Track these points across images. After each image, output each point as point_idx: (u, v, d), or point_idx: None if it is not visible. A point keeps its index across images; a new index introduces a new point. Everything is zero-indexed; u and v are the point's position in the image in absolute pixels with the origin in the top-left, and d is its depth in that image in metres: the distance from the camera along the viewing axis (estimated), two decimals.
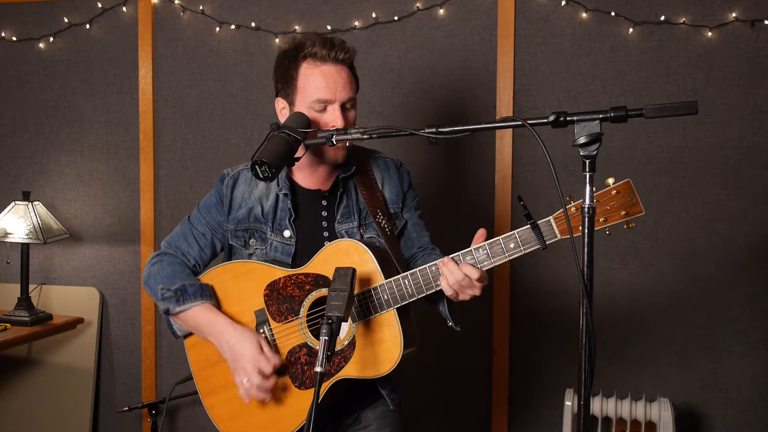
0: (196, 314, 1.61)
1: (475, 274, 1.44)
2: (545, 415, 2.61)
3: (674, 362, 2.51)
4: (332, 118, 1.56)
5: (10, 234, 2.73)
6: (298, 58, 1.58)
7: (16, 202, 2.80)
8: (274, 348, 1.60)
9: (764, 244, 2.42)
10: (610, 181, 1.38)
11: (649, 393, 2.48)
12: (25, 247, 2.79)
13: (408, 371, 2.66)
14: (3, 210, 2.81)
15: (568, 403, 2.37)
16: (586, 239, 1.22)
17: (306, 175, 1.68)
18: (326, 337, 1.31)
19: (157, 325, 2.95)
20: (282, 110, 1.67)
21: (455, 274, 1.44)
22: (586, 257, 1.22)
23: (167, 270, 1.67)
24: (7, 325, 2.71)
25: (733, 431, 2.48)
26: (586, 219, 1.22)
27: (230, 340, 1.57)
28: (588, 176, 1.22)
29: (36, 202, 2.83)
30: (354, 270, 1.44)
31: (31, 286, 2.88)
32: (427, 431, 2.71)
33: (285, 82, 1.62)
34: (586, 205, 1.22)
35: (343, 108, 1.58)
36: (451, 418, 2.69)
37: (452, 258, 1.47)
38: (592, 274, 1.22)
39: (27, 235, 2.73)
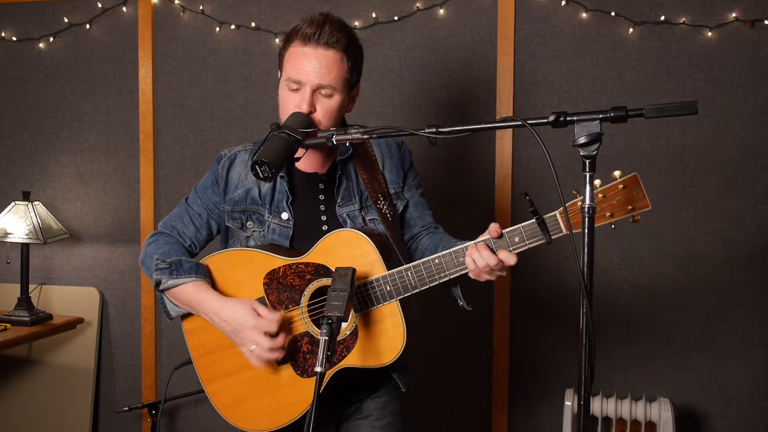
0: (189, 291, 1.59)
1: (511, 260, 1.43)
2: (545, 415, 2.61)
3: (674, 362, 2.51)
4: (298, 101, 1.56)
5: (10, 234, 2.73)
6: (290, 37, 1.59)
7: (16, 202, 2.80)
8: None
9: (764, 244, 2.42)
10: (617, 174, 1.36)
11: (649, 393, 2.48)
12: (25, 247, 2.79)
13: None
14: (3, 210, 2.81)
15: (568, 403, 2.37)
16: (586, 239, 1.22)
17: (302, 158, 1.66)
18: (326, 337, 1.31)
19: (157, 325, 2.95)
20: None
21: (489, 260, 1.43)
22: (586, 257, 1.22)
23: (163, 248, 1.66)
24: (7, 325, 2.71)
25: (733, 431, 2.48)
26: (587, 219, 1.22)
27: (225, 315, 1.55)
28: (588, 176, 1.22)
29: (36, 202, 2.83)
30: (354, 270, 1.44)
31: (31, 286, 2.88)
32: (427, 431, 2.71)
33: (279, 61, 1.64)
34: (586, 205, 1.22)
35: (319, 94, 1.56)
36: (451, 417, 2.69)
37: (485, 244, 1.45)
38: (592, 274, 1.22)
39: (27, 235, 2.73)
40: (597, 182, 1.37)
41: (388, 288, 1.50)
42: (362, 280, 1.52)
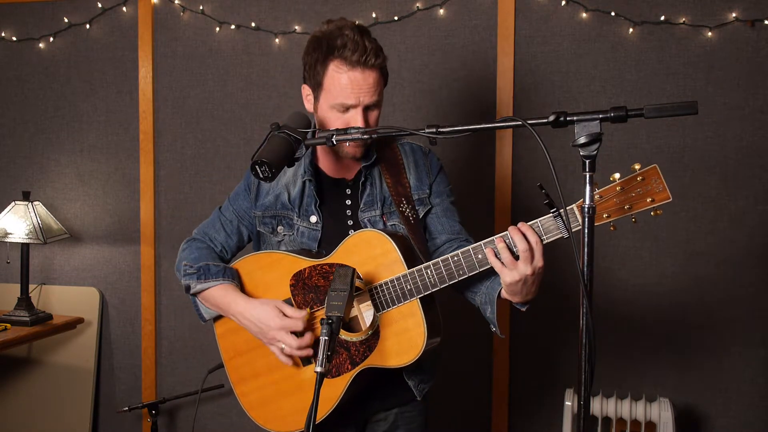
0: (217, 294, 1.64)
1: (532, 237, 1.40)
2: (545, 415, 2.61)
3: (674, 362, 2.51)
4: (353, 122, 1.57)
5: (10, 234, 2.73)
6: (328, 55, 1.56)
7: (16, 202, 2.80)
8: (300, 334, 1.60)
9: (764, 244, 2.42)
10: (636, 167, 1.33)
11: (649, 393, 2.48)
12: (25, 247, 2.79)
13: None
14: (3, 210, 2.81)
15: (568, 403, 2.37)
16: (586, 239, 1.22)
17: (330, 163, 1.70)
18: (326, 338, 1.31)
19: (157, 325, 2.95)
20: (307, 97, 1.67)
21: (520, 244, 1.40)
22: (585, 257, 1.22)
23: (195, 254, 1.71)
24: (7, 325, 2.71)
25: (733, 431, 2.48)
26: (587, 219, 1.22)
27: (250, 316, 1.60)
28: (588, 176, 1.21)
29: (36, 202, 2.83)
30: (354, 270, 1.44)
31: (31, 286, 2.88)
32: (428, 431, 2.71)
33: (312, 74, 1.61)
34: (586, 206, 1.22)
35: (367, 109, 1.58)
36: (451, 417, 2.69)
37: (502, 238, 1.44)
38: (592, 274, 1.22)
39: (27, 235, 2.73)
40: (616, 175, 1.35)
41: (408, 287, 1.51)
42: (384, 278, 1.53)
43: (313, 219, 1.67)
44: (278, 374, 1.65)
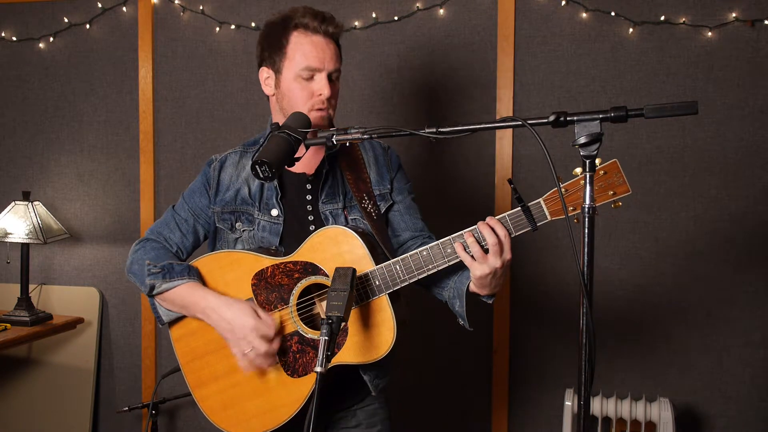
0: (184, 292, 1.59)
1: (501, 231, 1.46)
2: (545, 415, 2.61)
3: (674, 362, 2.51)
4: (319, 87, 1.60)
5: (10, 234, 2.73)
6: (289, 27, 1.62)
7: (16, 202, 2.80)
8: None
9: (764, 244, 2.42)
10: (597, 161, 1.36)
11: (649, 393, 2.48)
12: (25, 247, 2.79)
13: (407, 371, 2.64)
14: (3, 210, 2.81)
15: (568, 403, 2.37)
16: (586, 239, 1.22)
17: None
18: (326, 338, 1.31)
19: (157, 325, 2.94)
20: (266, 80, 1.69)
21: (490, 238, 1.44)
22: (586, 257, 1.22)
23: (151, 254, 1.65)
24: (7, 325, 2.71)
25: (733, 431, 2.48)
26: (587, 219, 1.22)
27: (225, 314, 1.55)
28: (588, 176, 1.22)
29: (36, 202, 2.83)
30: (354, 270, 1.44)
31: (31, 286, 2.88)
32: (428, 431, 2.71)
33: (273, 51, 1.64)
34: (587, 205, 1.22)
35: (330, 79, 1.62)
36: (451, 418, 2.69)
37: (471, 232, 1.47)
38: (592, 274, 1.22)
39: (27, 235, 2.73)
40: (578, 170, 1.38)
41: (377, 282, 1.51)
42: None
43: (275, 212, 1.65)
44: (240, 376, 1.60)
